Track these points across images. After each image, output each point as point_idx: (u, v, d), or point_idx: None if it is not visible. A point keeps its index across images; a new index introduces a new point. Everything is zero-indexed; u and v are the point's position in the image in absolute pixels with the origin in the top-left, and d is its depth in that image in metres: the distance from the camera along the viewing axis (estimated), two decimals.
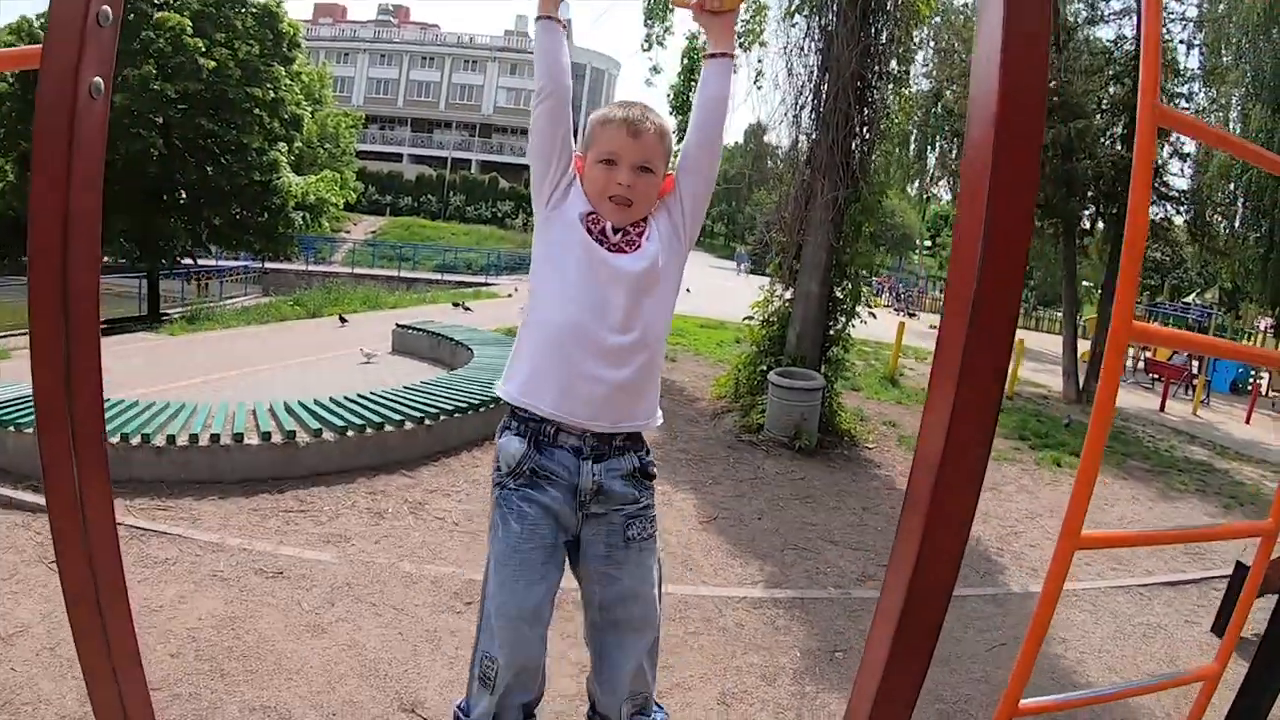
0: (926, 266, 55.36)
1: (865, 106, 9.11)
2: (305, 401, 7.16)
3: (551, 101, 2.14)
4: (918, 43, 12.44)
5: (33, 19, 22.64)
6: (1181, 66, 16.23)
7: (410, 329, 12.85)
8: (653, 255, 2.12)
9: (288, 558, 4.97)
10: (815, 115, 9.34)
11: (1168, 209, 16.79)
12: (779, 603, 5.08)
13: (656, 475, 2.28)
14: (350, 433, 6.54)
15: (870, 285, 10.57)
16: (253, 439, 6.22)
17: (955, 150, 18.23)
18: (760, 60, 11.87)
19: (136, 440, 5.96)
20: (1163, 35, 13.95)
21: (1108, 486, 9.03)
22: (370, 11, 74.51)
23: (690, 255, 2.30)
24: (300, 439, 6.35)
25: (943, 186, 21.54)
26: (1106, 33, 15.24)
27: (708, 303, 21.23)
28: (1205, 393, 18.04)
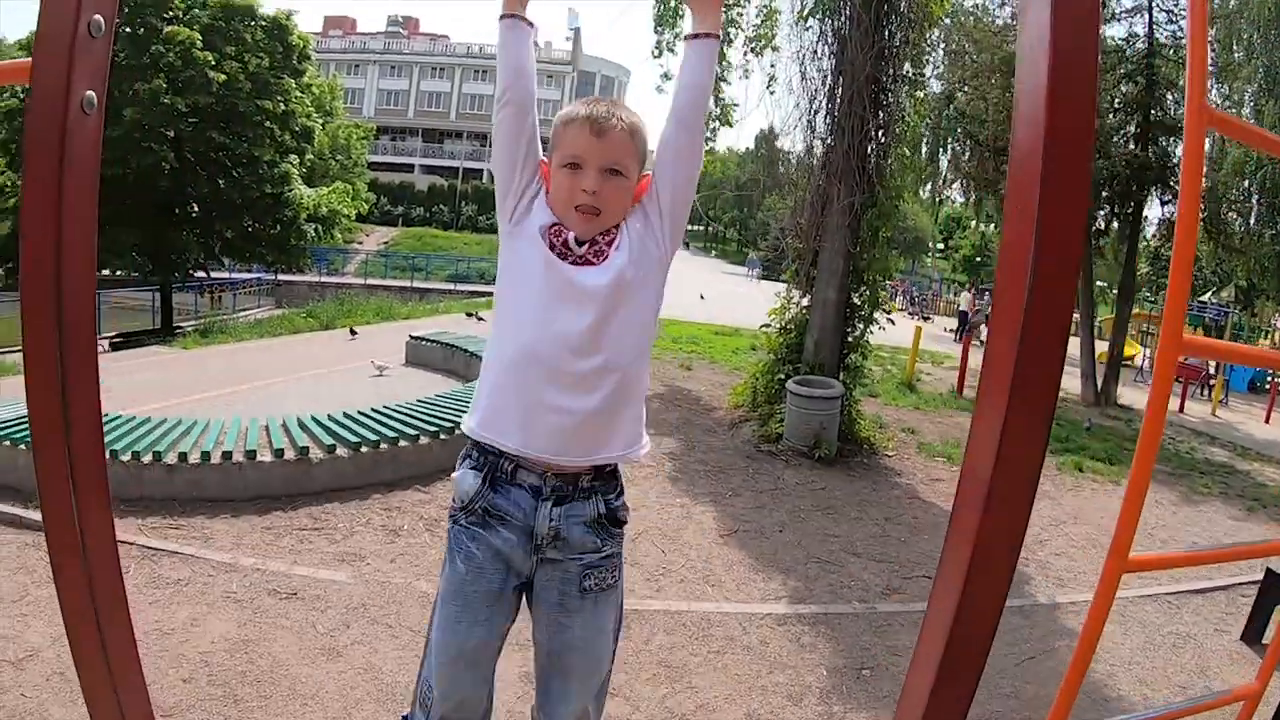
0: (940, 269, 55.28)
1: (880, 110, 9.02)
2: (319, 417, 7.09)
3: (512, 107, 1.99)
4: (930, 44, 12.35)
5: None
6: None
7: (423, 340, 12.77)
8: (619, 267, 1.92)
9: (302, 578, 4.89)
10: (830, 120, 9.25)
11: None
12: (803, 619, 4.98)
13: (626, 521, 2.07)
14: (364, 448, 6.47)
15: (885, 289, 10.45)
16: (265, 456, 6.15)
17: (968, 152, 18.11)
18: (773, 65, 11.85)
19: (148, 458, 5.90)
20: (1174, 33, 13.90)
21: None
22: (380, 23, 74.76)
23: (703, 261, 2.15)
24: (314, 455, 6.28)
25: (955, 189, 21.43)
26: (1118, 30, 15.09)
27: (722, 309, 21.19)
28: (1224, 393, 17.88)
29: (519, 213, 2.00)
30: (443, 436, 6.92)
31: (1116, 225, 16.71)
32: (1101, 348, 16.71)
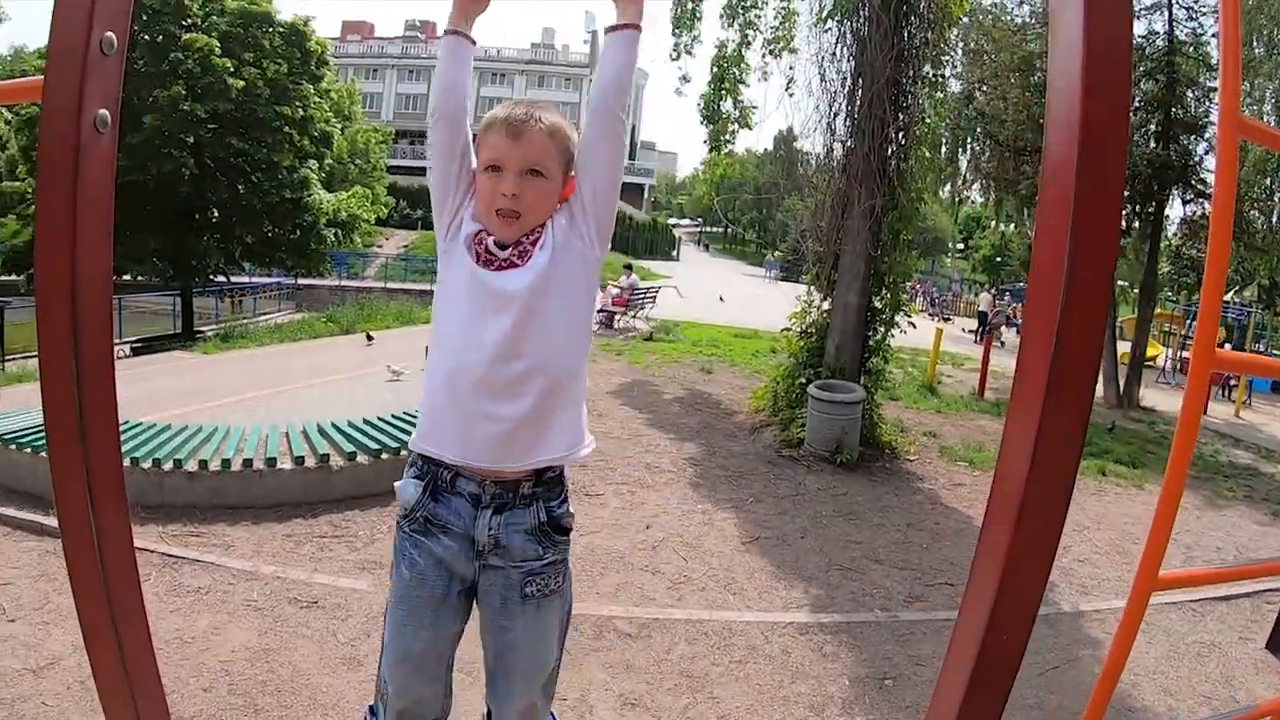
0: (960, 270, 55.02)
1: (900, 112, 8.95)
2: (339, 423, 7.09)
3: (444, 125, 2.01)
4: (949, 44, 12.26)
5: None
6: (1214, 60, 15.91)
7: None
8: (540, 268, 1.91)
9: (322, 586, 4.89)
10: (850, 122, 9.21)
11: (1205, 206, 16.44)
12: (825, 628, 4.93)
13: (571, 528, 2.07)
14: (385, 455, 6.45)
15: (906, 292, 10.37)
16: (286, 463, 6.17)
17: (987, 152, 17.98)
18: (792, 67, 11.72)
19: (169, 465, 5.92)
20: (1194, 30, 13.75)
21: (1154, 495, 8.77)
22: (398, 27, 75.22)
23: (722, 262, 2.13)
24: (334, 463, 6.28)
25: (975, 189, 21.29)
26: (1138, 28, 14.91)
27: (741, 312, 21.11)
28: (1247, 394, 17.67)
29: (454, 228, 2.01)
30: None
31: (1138, 225, 16.53)
32: (1123, 348, 16.55)
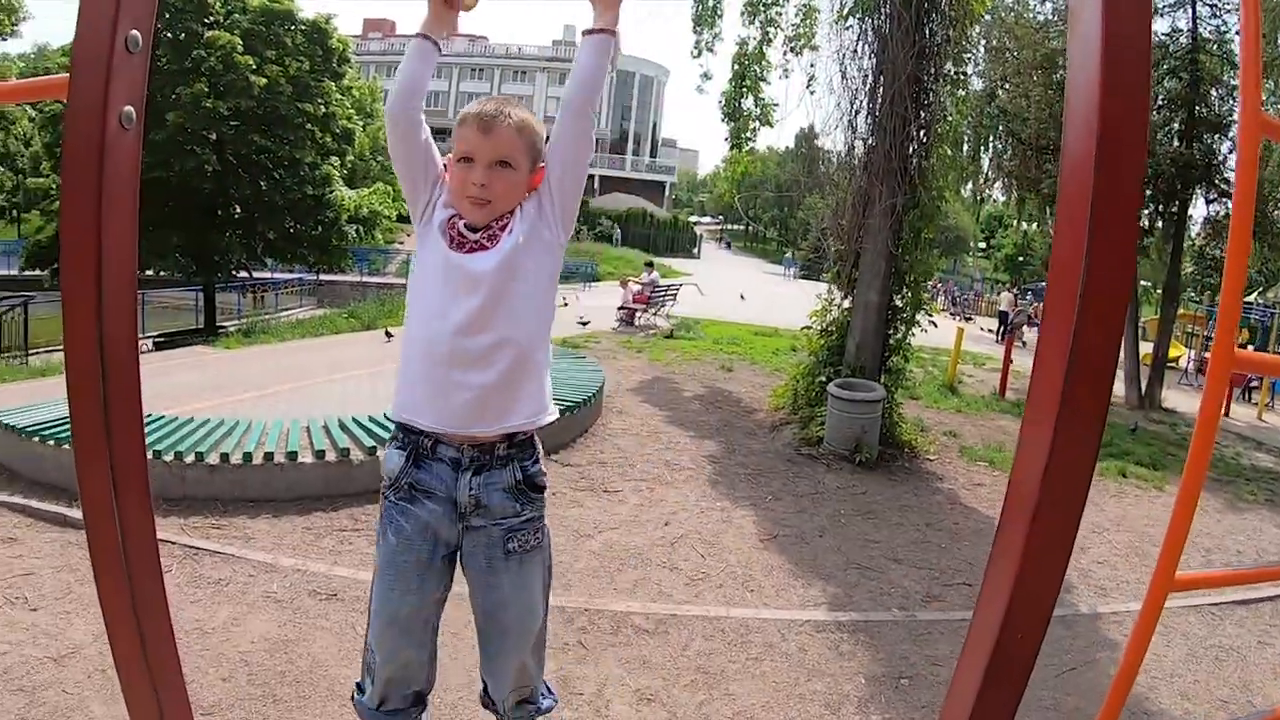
0: (981, 269, 54.71)
1: (922, 109, 8.91)
2: (359, 418, 7.13)
3: (403, 125, 2.15)
4: (971, 41, 12.20)
5: None
6: (1237, 58, 15.71)
7: None
8: (507, 250, 2.08)
9: (341, 579, 4.92)
10: (871, 120, 9.17)
11: (1228, 205, 16.26)
12: (843, 626, 4.92)
13: (546, 486, 2.25)
14: None
15: (927, 291, 10.33)
16: (307, 457, 6.21)
17: (1009, 151, 17.85)
18: (813, 65, 11.70)
19: (191, 458, 5.98)
20: (1218, 27, 13.61)
21: (1175, 497, 8.69)
22: (419, 25, 75.12)
23: (743, 260, 2.21)
24: (355, 456, 6.32)
25: (997, 188, 21.14)
26: (1161, 25, 14.79)
27: (761, 310, 21.06)
28: (1270, 396, 17.48)
29: (427, 214, 2.18)
30: None
31: (1161, 224, 16.37)
32: (1145, 349, 16.41)
